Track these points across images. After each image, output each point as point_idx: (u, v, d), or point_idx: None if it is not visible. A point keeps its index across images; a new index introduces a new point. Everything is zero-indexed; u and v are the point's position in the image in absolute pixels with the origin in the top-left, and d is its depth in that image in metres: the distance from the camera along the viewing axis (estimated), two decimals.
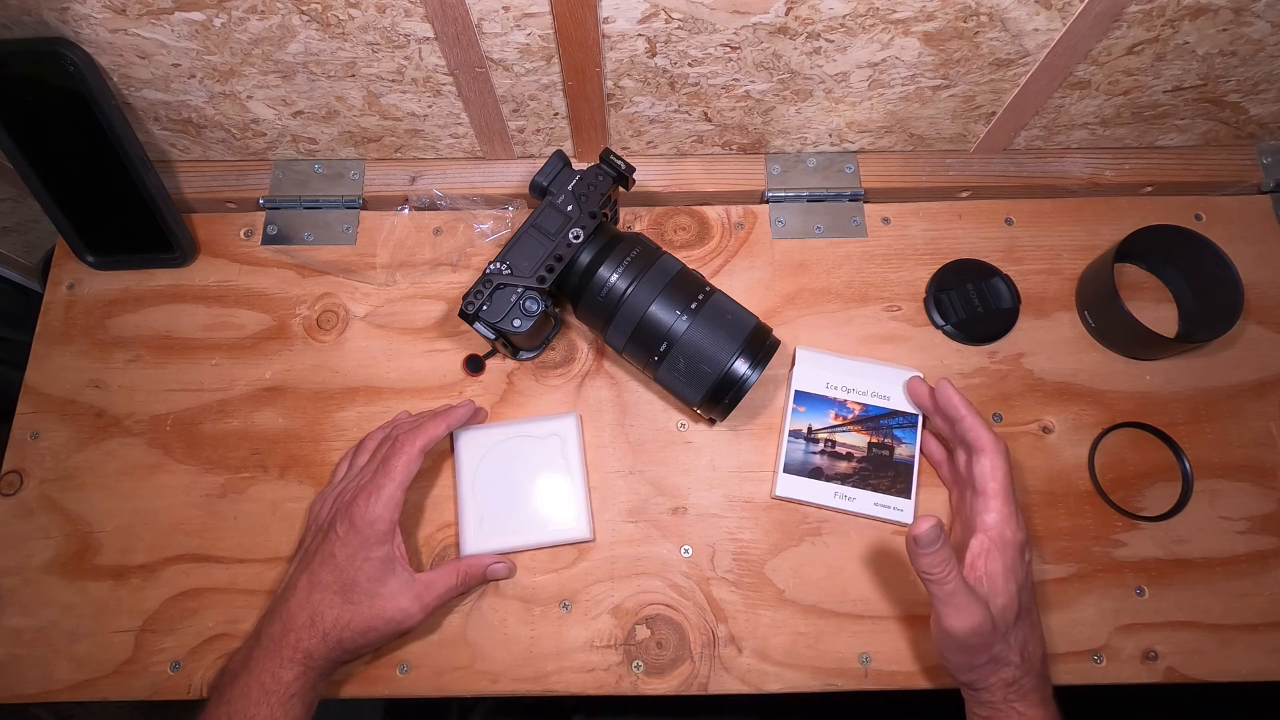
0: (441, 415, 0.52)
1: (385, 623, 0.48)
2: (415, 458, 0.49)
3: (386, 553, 0.48)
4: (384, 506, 0.48)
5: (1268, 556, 0.55)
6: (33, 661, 0.53)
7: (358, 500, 0.48)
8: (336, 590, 0.47)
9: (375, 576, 0.48)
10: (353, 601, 0.47)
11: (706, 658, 0.53)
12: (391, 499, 0.48)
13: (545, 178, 0.54)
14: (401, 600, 0.48)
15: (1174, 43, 0.51)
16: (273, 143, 0.61)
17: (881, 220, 0.64)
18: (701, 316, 0.51)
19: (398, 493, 0.48)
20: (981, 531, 0.47)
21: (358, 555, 0.47)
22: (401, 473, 0.49)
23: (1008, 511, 0.47)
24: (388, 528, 0.48)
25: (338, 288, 0.62)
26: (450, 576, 0.50)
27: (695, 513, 0.56)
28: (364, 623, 0.47)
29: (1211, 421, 0.58)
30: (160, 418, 0.59)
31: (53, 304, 0.62)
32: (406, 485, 0.49)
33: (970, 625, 0.44)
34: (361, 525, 0.48)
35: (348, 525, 0.48)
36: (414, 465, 0.49)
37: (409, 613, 0.48)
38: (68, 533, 0.56)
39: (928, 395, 0.54)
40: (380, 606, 0.48)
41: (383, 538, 0.48)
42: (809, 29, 0.49)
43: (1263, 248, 0.63)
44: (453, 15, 0.47)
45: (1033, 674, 0.45)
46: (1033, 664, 0.46)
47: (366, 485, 0.49)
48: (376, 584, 0.48)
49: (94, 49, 0.50)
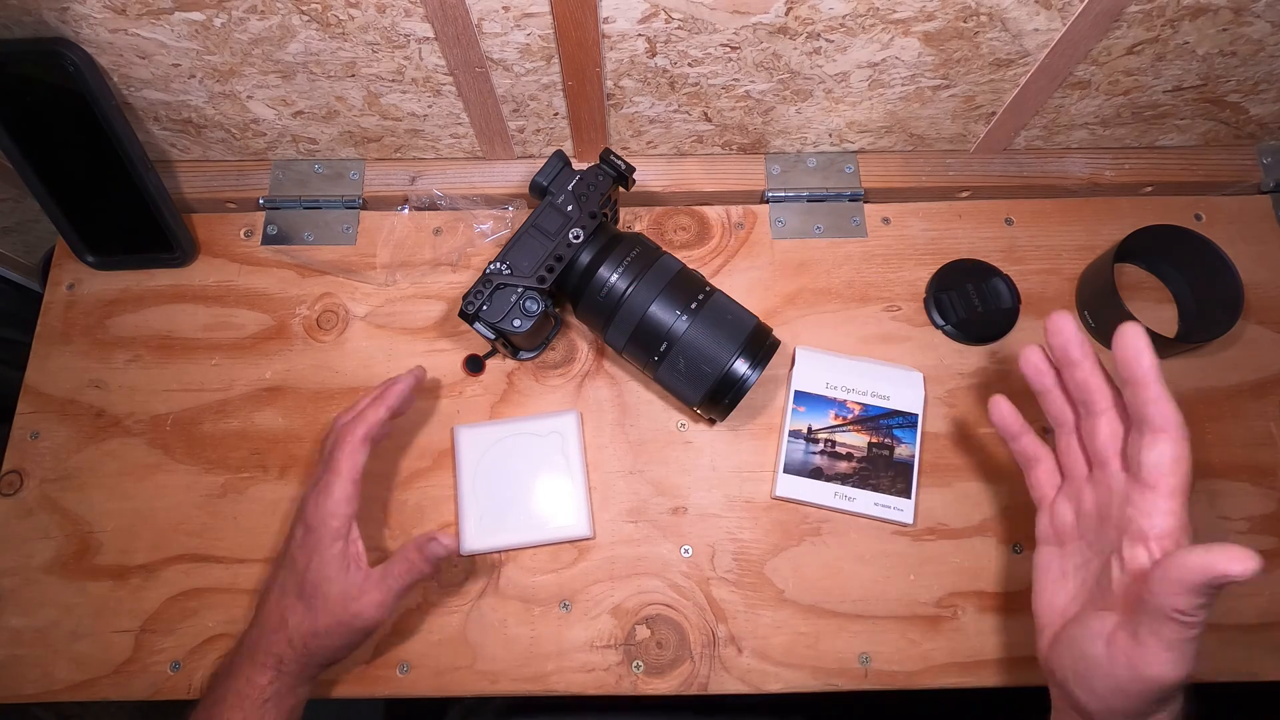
0: (379, 398, 0.50)
1: (345, 627, 0.46)
2: (358, 447, 0.48)
3: (340, 550, 0.46)
4: (334, 503, 0.46)
5: (1268, 556, 0.55)
6: (33, 661, 0.53)
7: (309, 501, 0.47)
8: (298, 595, 0.46)
9: (330, 577, 0.46)
10: (313, 607, 0.46)
11: (706, 658, 0.53)
12: (341, 494, 0.46)
13: (545, 178, 0.54)
14: (358, 604, 0.46)
15: (1174, 43, 0.51)
16: (273, 143, 0.61)
17: (881, 220, 0.64)
18: (701, 316, 0.51)
19: (347, 486, 0.47)
20: (1154, 540, 0.37)
21: (314, 557, 0.46)
22: (346, 465, 0.47)
23: (1186, 518, 0.37)
24: (340, 524, 0.46)
25: (338, 288, 0.62)
26: (401, 563, 0.47)
27: (695, 513, 0.56)
28: (324, 627, 0.46)
29: (1211, 421, 0.58)
30: (160, 418, 0.59)
31: (53, 304, 0.62)
32: (355, 477, 0.47)
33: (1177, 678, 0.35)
34: (314, 524, 0.46)
35: (303, 527, 0.47)
36: (359, 455, 0.47)
37: (367, 614, 0.46)
38: (68, 533, 0.56)
39: (1070, 331, 0.43)
40: (337, 612, 0.46)
41: (336, 534, 0.46)
42: (809, 29, 0.49)
43: (1263, 248, 0.63)
44: (453, 15, 0.47)
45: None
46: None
47: (316, 484, 0.48)
48: (331, 585, 0.46)
49: (94, 49, 0.50)
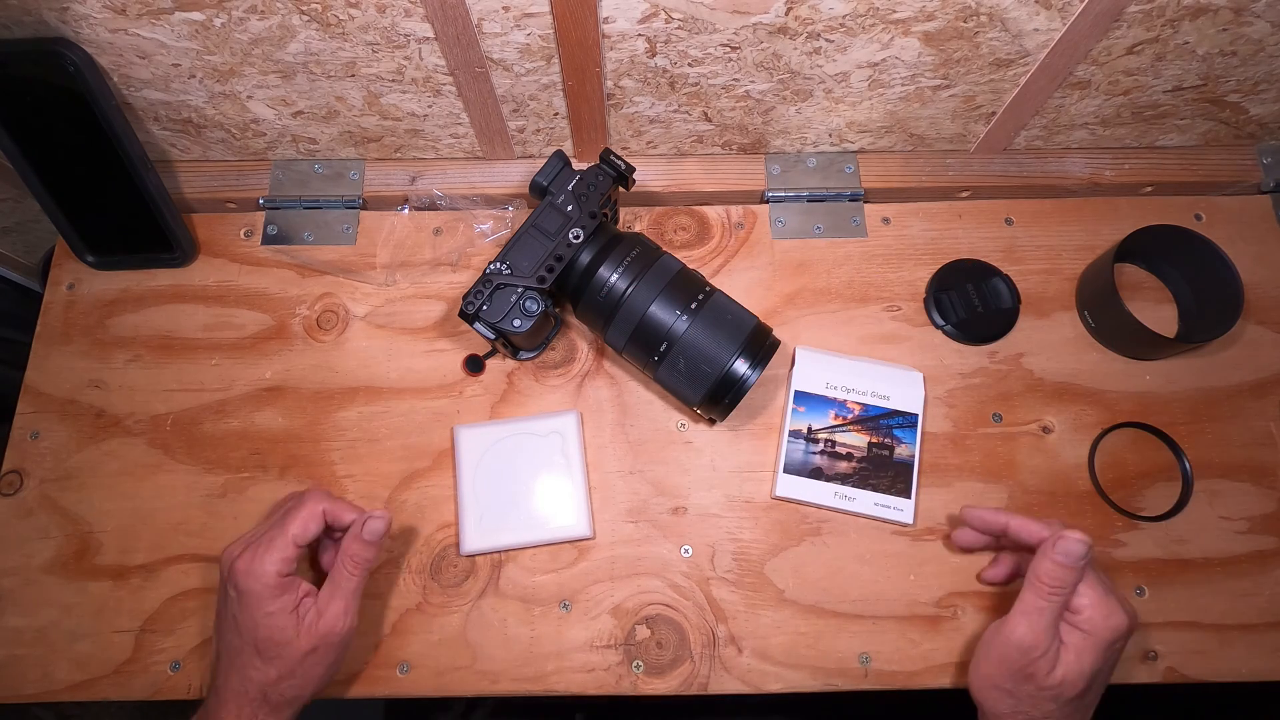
0: (356, 511, 0.49)
1: (321, 651, 0.46)
2: (317, 516, 0.47)
3: (286, 602, 0.45)
4: (273, 562, 0.45)
5: (1268, 556, 0.55)
6: (33, 661, 0.53)
7: (242, 557, 0.45)
8: (256, 654, 0.45)
9: (283, 627, 0.45)
10: (279, 655, 0.45)
11: (706, 658, 0.53)
12: (281, 554, 0.45)
13: (545, 178, 0.54)
14: (323, 623, 0.45)
15: (1174, 43, 0.51)
16: (273, 143, 0.61)
17: (881, 220, 0.64)
18: (701, 316, 0.51)
19: (289, 549, 0.45)
20: (1077, 615, 0.45)
21: (260, 618, 0.44)
22: (297, 528, 0.46)
23: (1096, 596, 0.44)
24: (274, 583, 0.44)
25: (338, 288, 0.62)
26: (347, 563, 0.47)
27: (695, 513, 0.56)
28: (290, 669, 0.45)
29: (1211, 421, 0.58)
30: (160, 418, 0.59)
31: (53, 304, 0.62)
32: (302, 542, 0.46)
33: (1029, 640, 0.43)
34: (250, 588, 0.44)
35: (235, 588, 0.45)
36: (312, 525, 0.47)
37: (338, 627, 0.46)
38: (68, 533, 0.56)
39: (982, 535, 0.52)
40: (305, 644, 0.45)
41: (275, 591, 0.45)
42: (809, 29, 0.49)
43: (1263, 248, 0.63)
44: (453, 15, 0.47)
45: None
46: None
47: (257, 541, 0.46)
48: (287, 631, 0.45)
49: (94, 49, 0.50)
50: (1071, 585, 0.44)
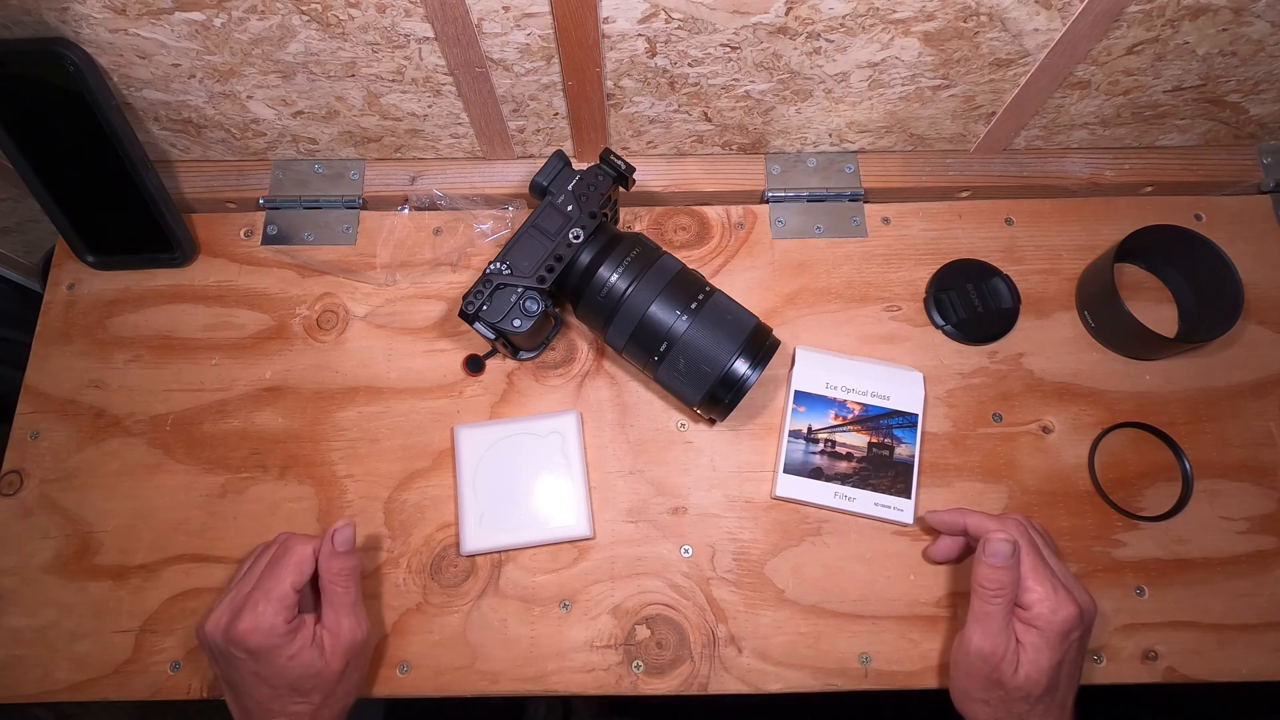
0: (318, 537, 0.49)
1: (353, 663, 0.47)
2: (308, 559, 0.47)
3: (303, 640, 0.45)
4: (274, 614, 0.45)
5: (1268, 556, 0.55)
6: (33, 661, 0.53)
7: (241, 620, 0.45)
8: (290, 692, 0.45)
9: (310, 662, 0.45)
10: (309, 690, 0.46)
11: (706, 658, 0.53)
12: (280, 603, 0.45)
13: (545, 178, 0.54)
14: (347, 639, 0.47)
15: (1174, 43, 0.51)
16: (273, 143, 0.61)
17: (881, 220, 0.64)
18: (701, 316, 0.51)
19: (289, 595, 0.46)
20: (1027, 611, 0.45)
21: (279, 663, 0.45)
22: (294, 574, 0.46)
23: (1044, 590, 0.44)
24: (284, 630, 0.45)
25: (338, 288, 0.62)
26: (335, 581, 0.47)
27: (695, 513, 0.56)
28: (330, 691, 0.46)
29: (1211, 421, 0.58)
30: (160, 418, 0.59)
31: (53, 304, 0.62)
32: (300, 588, 0.46)
33: (987, 647, 0.44)
34: (256, 644, 0.44)
35: (245, 650, 0.45)
36: (306, 568, 0.47)
37: (357, 637, 0.47)
38: (68, 533, 0.56)
39: (953, 542, 0.53)
40: (337, 662, 0.46)
41: (287, 639, 0.45)
42: (809, 29, 0.49)
43: (1263, 248, 0.63)
44: (453, 15, 0.47)
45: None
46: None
47: (243, 601, 0.46)
48: (314, 664, 0.46)
49: (94, 49, 0.50)
50: (1010, 584, 0.44)
